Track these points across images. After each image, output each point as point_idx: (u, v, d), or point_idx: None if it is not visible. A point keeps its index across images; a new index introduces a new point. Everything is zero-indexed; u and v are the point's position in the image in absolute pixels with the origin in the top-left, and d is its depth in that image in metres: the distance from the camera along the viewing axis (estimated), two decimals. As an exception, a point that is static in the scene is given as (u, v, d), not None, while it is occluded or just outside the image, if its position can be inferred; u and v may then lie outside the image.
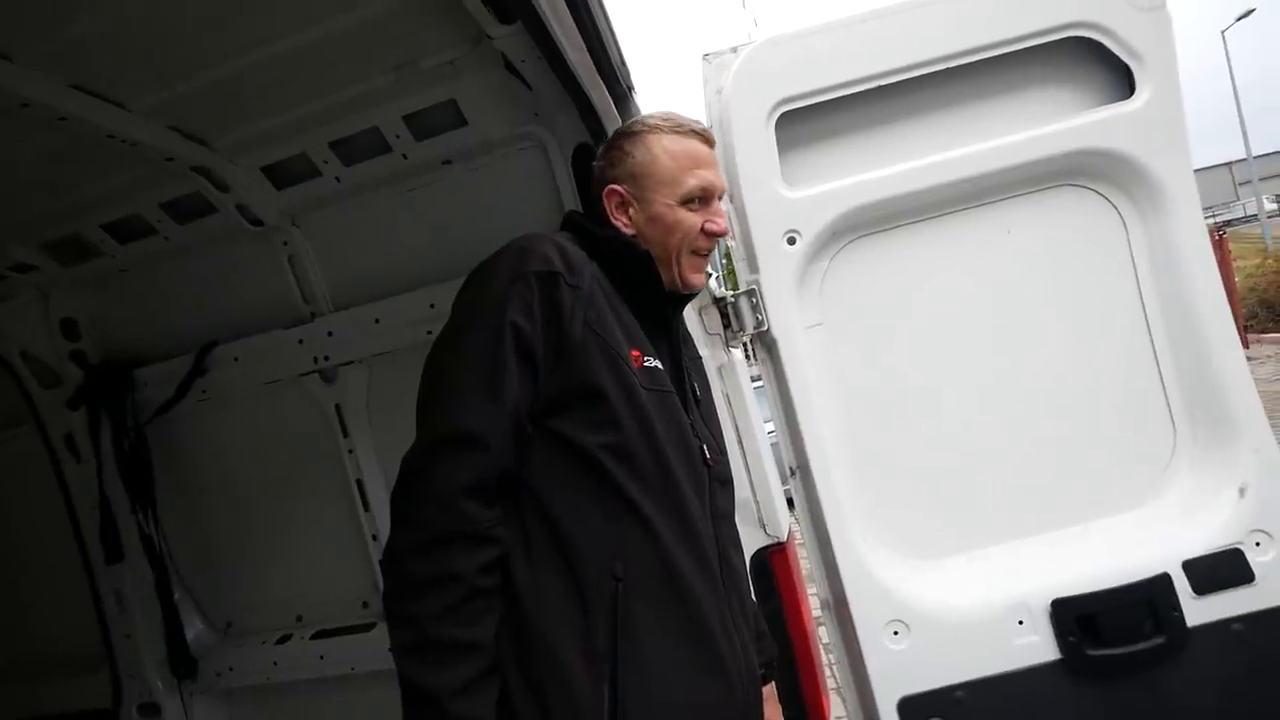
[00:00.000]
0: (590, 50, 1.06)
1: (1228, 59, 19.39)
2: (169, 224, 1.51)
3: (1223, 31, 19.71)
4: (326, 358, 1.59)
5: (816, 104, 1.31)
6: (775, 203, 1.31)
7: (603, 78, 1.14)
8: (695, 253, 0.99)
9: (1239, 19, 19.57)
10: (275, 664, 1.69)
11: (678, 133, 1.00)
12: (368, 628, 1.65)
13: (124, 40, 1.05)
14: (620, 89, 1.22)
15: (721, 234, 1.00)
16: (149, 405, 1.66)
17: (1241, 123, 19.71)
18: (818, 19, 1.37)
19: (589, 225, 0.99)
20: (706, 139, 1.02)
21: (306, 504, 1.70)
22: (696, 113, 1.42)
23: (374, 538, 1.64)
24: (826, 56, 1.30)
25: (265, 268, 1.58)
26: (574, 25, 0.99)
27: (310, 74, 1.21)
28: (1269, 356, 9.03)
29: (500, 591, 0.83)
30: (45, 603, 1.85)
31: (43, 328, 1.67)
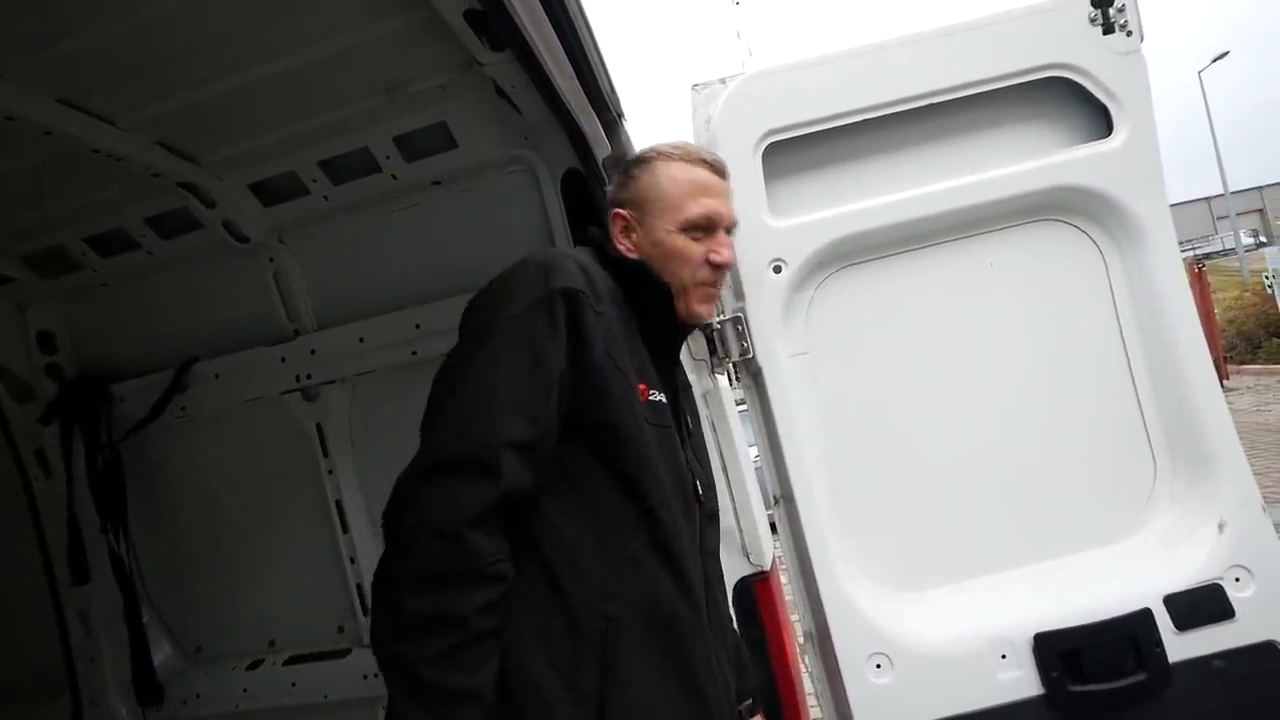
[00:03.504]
0: (580, 78, 1.07)
1: (1204, 98, 20.05)
2: (153, 239, 1.50)
3: (1199, 72, 20.42)
4: (309, 376, 1.57)
5: (803, 135, 1.33)
6: (761, 231, 1.32)
7: (592, 105, 1.15)
8: (702, 284, 0.96)
9: (1215, 60, 20.31)
10: (245, 691, 1.64)
11: (685, 160, 0.98)
12: (343, 654, 1.61)
13: (114, 57, 1.05)
14: (610, 116, 1.24)
15: (725, 265, 0.96)
16: (125, 421, 1.63)
17: (1219, 160, 20.34)
18: (810, 51, 1.39)
19: (610, 248, 0.96)
20: (716, 169, 0.99)
21: (283, 525, 1.67)
22: (685, 138, 1.44)
23: (351, 560, 1.60)
24: (814, 90, 1.32)
25: (250, 284, 1.57)
26: (563, 54, 1.00)
27: (301, 94, 1.22)
28: (1248, 388, 9.18)
29: (499, 634, 0.76)
30: (5, 624, 1.79)
31: (18, 340, 1.64)
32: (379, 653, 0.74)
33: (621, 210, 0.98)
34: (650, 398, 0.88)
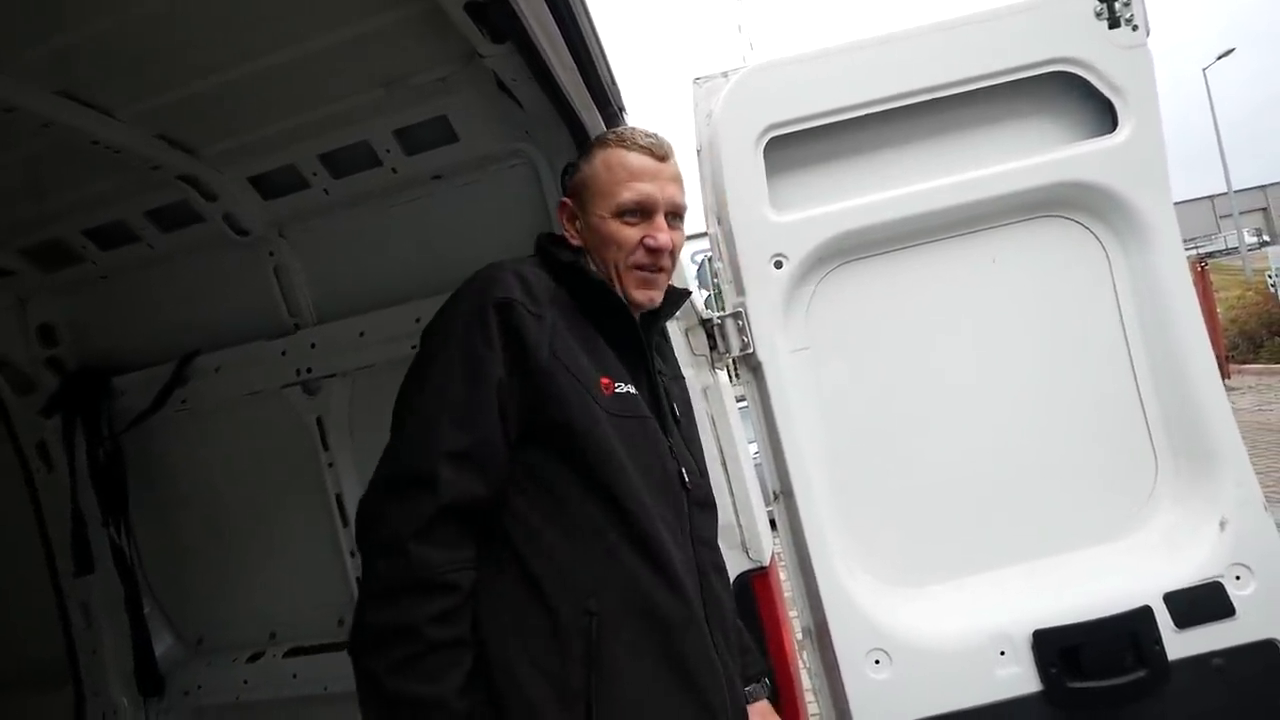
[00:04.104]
0: (581, 70, 1.07)
1: (1209, 95, 19.89)
2: (153, 231, 1.50)
3: (1204, 69, 20.24)
4: (309, 370, 1.57)
5: (805, 129, 1.32)
6: (762, 226, 1.31)
7: (593, 98, 1.14)
8: (638, 268, 0.95)
9: (1220, 57, 20.11)
10: (246, 682, 1.64)
11: (620, 145, 0.97)
12: (342, 646, 1.60)
13: (113, 49, 1.04)
14: (611, 109, 1.23)
15: (661, 249, 0.94)
16: (126, 414, 1.63)
17: (1223, 158, 20.20)
18: (811, 45, 1.38)
19: (553, 250, 0.97)
20: (655, 154, 0.97)
21: (284, 517, 1.67)
22: (685, 135, 1.44)
23: (352, 554, 1.61)
24: (816, 83, 1.31)
25: (250, 278, 1.57)
26: (564, 46, 0.99)
27: (301, 87, 1.21)
28: (1250, 387, 9.15)
29: (469, 641, 0.79)
30: (8, 615, 1.80)
31: (19, 334, 1.65)
32: (352, 663, 0.78)
33: (566, 200, 1.01)
34: (617, 390, 0.89)
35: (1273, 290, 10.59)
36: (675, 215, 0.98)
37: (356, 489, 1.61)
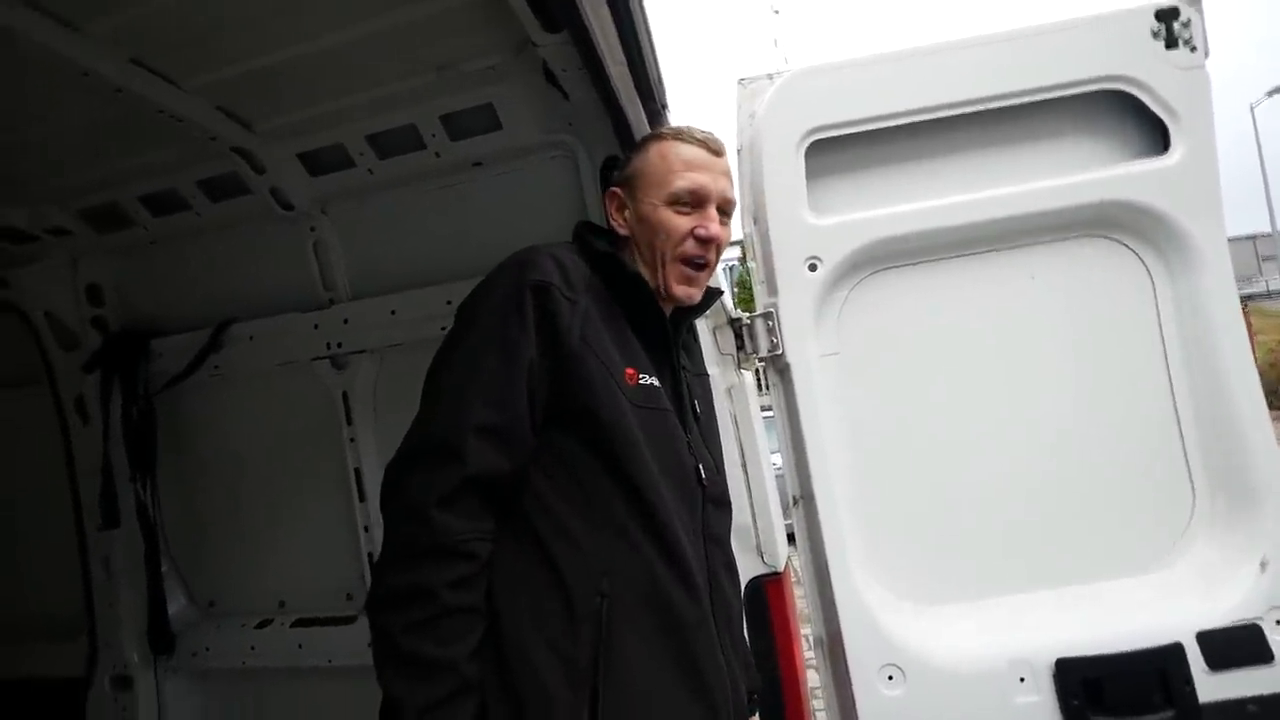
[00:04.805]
0: (630, 65, 1.08)
1: (1256, 133, 19.41)
2: (203, 200, 1.55)
3: (1252, 106, 19.79)
4: (340, 344, 1.60)
5: (847, 135, 1.31)
6: (799, 228, 1.31)
7: (639, 93, 1.15)
8: (684, 261, 0.95)
9: (1269, 94, 19.64)
10: (253, 648, 1.66)
11: (677, 139, 0.99)
12: (349, 620, 1.62)
13: (184, 21, 1.08)
14: (655, 106, 1.24)
15: (712, 240, 0.95)
16: (161, 376, 1.68)
17: (1268, 197, 19.65)
18: (847, 57, 1.38)
19: (590, 238, 0.98)
20: (710, 148, 0.98)
21: (303, 489, 1.69)
22: (726, 136, 1.45)
23: (366, 529, 1.62)
24: (860, 90, 1.31)
25: (290, 251, 1.61)
26: (617, 39, 1.01)
27: (356, 68, 1.25)
28: None
29: (482, 610, 0.80)
30: (32, 564, 1.85)
31: (69, 291, 1.70)
32: (369, 620, 0.80)
33: (616, 189, 1.01)
34: (641, 381, 0.89)
35: None
36: (724, 211, 0.99)
37: (376, 466, 1.63)
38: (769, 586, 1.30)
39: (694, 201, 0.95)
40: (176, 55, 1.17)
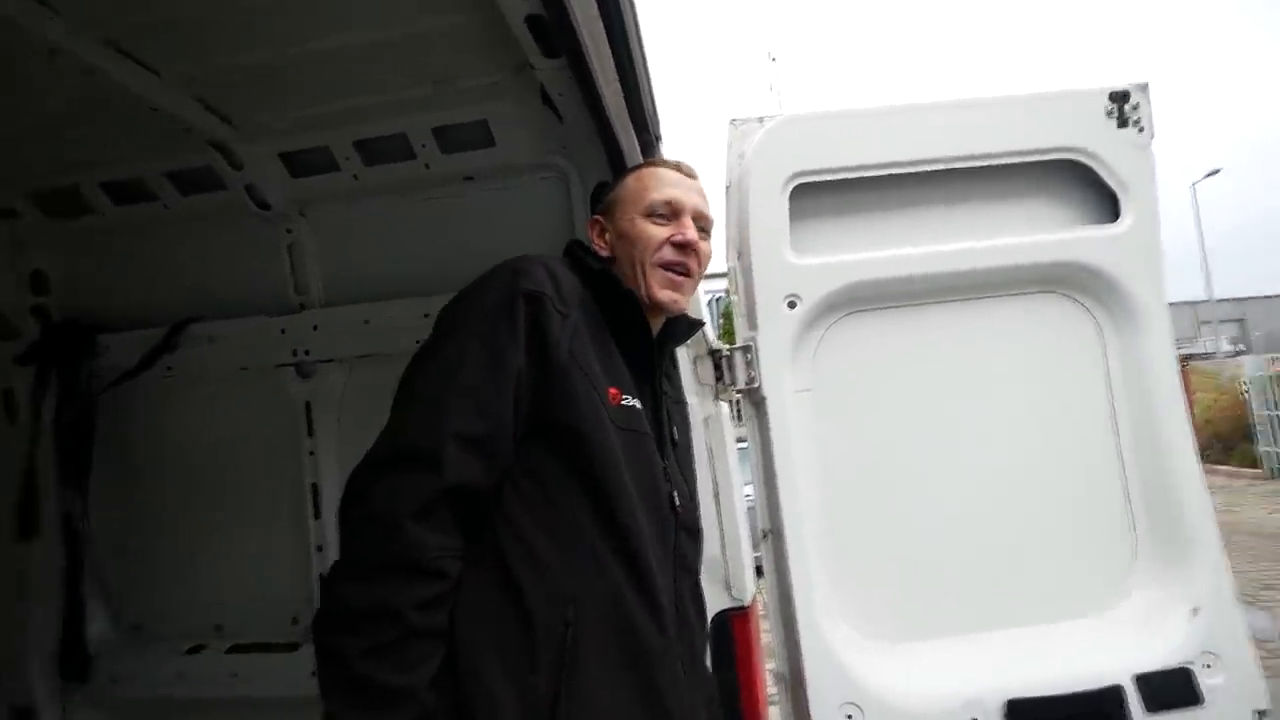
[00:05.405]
0: (626, 95, 1.10)
1: (1195, 209, 21.56)
2: (172, 193, 1.48)
3: (1194, 184, 22.04)
4: (307, 352, 1.54)
5: (830, 180, 1.38)
6: (781, 266, 1.35)
7: (634, 123, 1.18)
8: (663, 266, 0.96)
9: (1207, 175, 22.01)
10: (180, 676, 1.53)
11: (653, 165, 1.05)
12: (292, 648, 1.52)
13: (166, 7, 1.05)
14: (648, 136, 1.27)
15: (688, 244, 0.96)
16: (107, 373, 1.57)
17: (1205, 267, 21.81)
18: (835, 107, 1.46)
19: (585, 256, 0.99)
20: (682, 169, 1.04)
21: (252, 503, 1.60)
22: (714, 172, 1.50)
23: (319, 549, 1.54)
24: (845, 139, 1.38)
25: (262, 252, 1.55)
26: (614, 68, 1.03)
27: (350, 73, 1.23)
28: (1220, 488, 9.49)
29: (445, 634, 0.76)
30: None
31: (10, 276, 1.59)
32: (316, 641, 0.74)
33: (598, 216, 1.05)
34: (623, 402, 0.89)
35: (1245, 398, 11.09)
36: (702, 226, 1.01)
37: (336, 482, 1.55)
38: (735, 621, 1.29)
39: (669, 213, 0.98)
40: (157, 41, 1.12)
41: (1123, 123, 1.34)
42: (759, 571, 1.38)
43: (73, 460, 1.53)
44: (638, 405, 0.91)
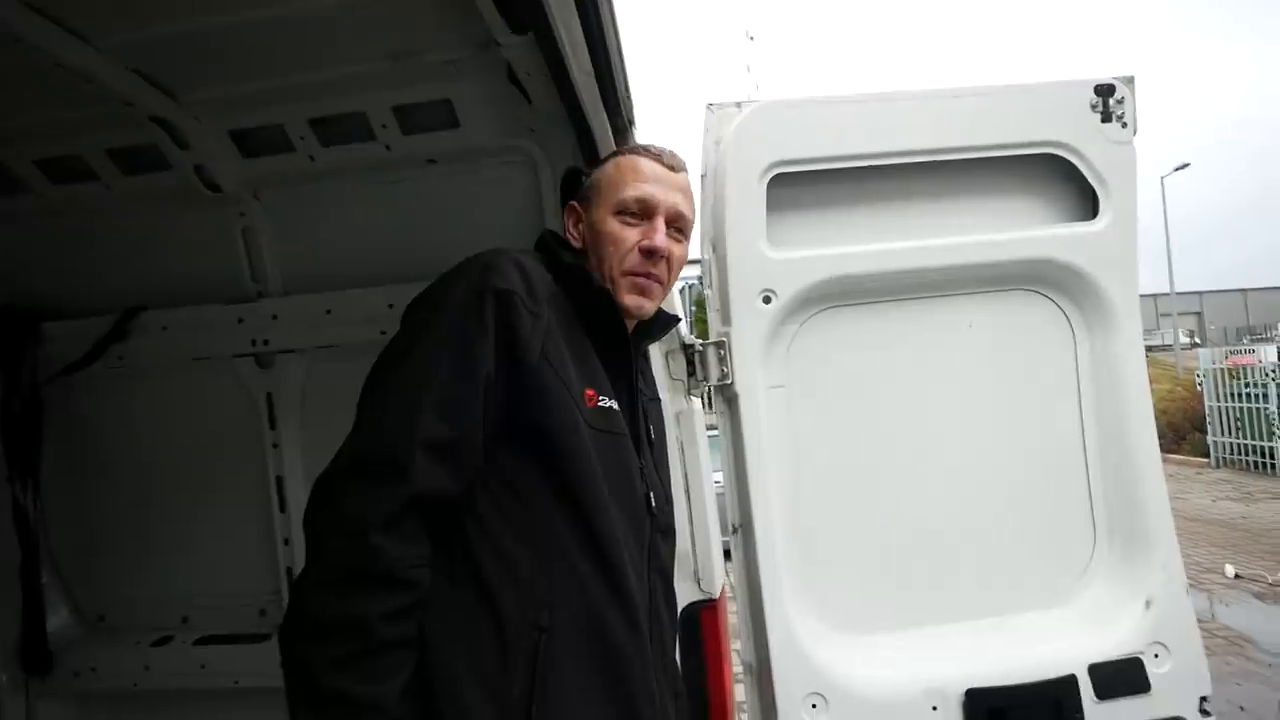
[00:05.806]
0: (597, 75, 1.04)
1: (1164, 202, 21.67)
2: (113, 172, 1.39)
3: (1163, 177, 22.06)
4: (266, 342, 1.48)
5: (809, 171, 1.33)
6: (757, 260, 1.32)
7: (605, 105, 1.12)
8: (631, 273, 0.92)
9: (1177, 169, 21.92)
10: (147, 669, 1.52)
11: (635, 153, 0.98)
12: (260, 639, 1.51)
13: None
14: (621, 121, 1.21)
15: (656, 251, 0.91)
16: (54, 364, 1.50)
17: (1169, 262, 22.14)
18: (816, 90, 1.40)
19: (557, 249, 0.95)
20: (665, 162, 0.96)
21: (215, 496, 1.56)
22: (692, 158, 1.44)
23: (286, 542, 1.52)
24: (825, 128, 1.33)
25: (215, 237, 1.47)
26: (585, 48, 0.97)
27: (303, 44, 1.15)
28: (1169, 476, 9.95)
29: (415, 644, 0.75)
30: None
31: None
32: (283, 652, 0.72)
33: (575, 203, 1.00)
34: (600, 404, 0.87)
35: (1200, 389, 11.46)
36: (678, 228, 0.96)
37: (300, 474, 1.52)
38: (704, 613, 1.30)
39: (641, 212, 0.93)
40: (87, 6, 1.03)
41: (1106, 117, 1.31)
42: (727, 555, 1.39)
43: (20, 453, 1.48)
44: (614, 406, 0.89)
